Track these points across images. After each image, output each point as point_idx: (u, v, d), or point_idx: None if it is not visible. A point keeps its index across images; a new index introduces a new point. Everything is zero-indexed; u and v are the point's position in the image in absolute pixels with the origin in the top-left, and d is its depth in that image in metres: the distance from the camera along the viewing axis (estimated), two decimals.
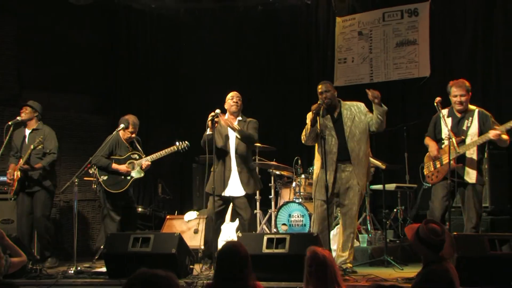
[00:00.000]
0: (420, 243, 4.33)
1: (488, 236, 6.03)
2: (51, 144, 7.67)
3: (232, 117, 7.12)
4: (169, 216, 8.74)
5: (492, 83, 8.92)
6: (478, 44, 9.10)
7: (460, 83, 6.57)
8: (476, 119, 6.49)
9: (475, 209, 6.43)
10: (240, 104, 7.11)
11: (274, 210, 8.67)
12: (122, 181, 7.68)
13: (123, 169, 7.66)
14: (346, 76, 10.12)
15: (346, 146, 6.57)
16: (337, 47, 10.24)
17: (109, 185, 7.66)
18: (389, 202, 8.63)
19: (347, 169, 6.59)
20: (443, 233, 4.35)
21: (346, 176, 6.60)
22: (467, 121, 6.51)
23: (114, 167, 7.62)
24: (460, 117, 6.54)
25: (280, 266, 5.79)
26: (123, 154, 7.74)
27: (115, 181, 7.67)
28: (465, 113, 6.54)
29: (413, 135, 8.27)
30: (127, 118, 7.76)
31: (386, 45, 9.86)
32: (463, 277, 5.35)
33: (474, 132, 6.45)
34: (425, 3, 9.47)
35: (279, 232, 7.93)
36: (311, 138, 6.68)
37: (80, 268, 6.85)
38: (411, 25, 9.65)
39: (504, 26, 8.88)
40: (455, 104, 6.53)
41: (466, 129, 6.47)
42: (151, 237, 6.33)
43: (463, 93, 6.50)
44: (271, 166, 8.68)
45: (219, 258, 4.41)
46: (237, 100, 7.10)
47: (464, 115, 6.54)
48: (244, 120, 7.15)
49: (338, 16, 10.24)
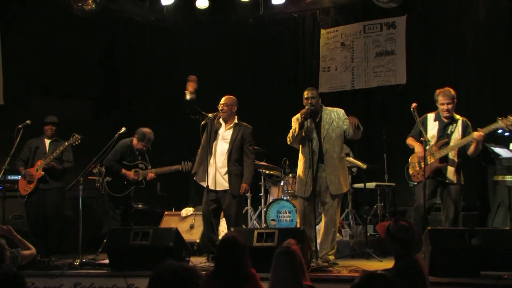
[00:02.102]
0: (391, 239, 4.36)
1: (459, 230, 6.10)
2: (69, 155, 7.99)
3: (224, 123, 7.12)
4: (167, 212, 8.75)
5: (462, 92, 8.98)
6: (450, 55, 9.19)
7: (447, 92, 6.60)
8: (460, 127, 6.56)
9: (454, 206, 6.49)
10: (227, 109, 7.05)
11: (264, 206, 8.72)
12: (124, 186, 7.72)
13: (131, 176, 7.69)
14: (330, 83, 10.15)
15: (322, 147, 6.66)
16: (321, 57, 10.28)
17: (112, 187, 7.70)
18: (369, 199, 8.70)
19: (325, 170, 6.68)
20: (411, 230, 4.39)
21: (324, 176, 6.68)
22: (451, 127, 6.57)
23: (124, 172, 7.67)
24: (446, 123, 6.59)
25: (270, 258, 5.82)
26: (132, 161, 7.77)
27: (118, 185, 7.70)
28: (451, 119, 6.59)
29: (391, 137, 8.32)
30: (144, 132, 7.79)
31: (366, 55, 9.90)
32: (438, 267, 5.44)
33: (457, 137, 6.52)
34: (402, 17, 9.51)
35: (268, 227, 7.97)
36: (297, 140, 6.73)
37: (85, 260, 6.83)
38: (389, 37, 9.70)
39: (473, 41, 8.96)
40: (442, 111, 6.57)
41: (450, 133, 6.54)
42: (150, 232, 6.35)
43: (449, 101, 6.55)
44: (261, 166, 8.72)
45: (220, 247, 4.49)
46: (222, 107, 7.08)
47: (450, 121, 6.59)
48: (239, 124, 7.14)
49: (322, 28, 10.28)
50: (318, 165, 6.63)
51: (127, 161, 7.75)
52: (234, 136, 7.00)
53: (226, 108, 7.01)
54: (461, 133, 6.52)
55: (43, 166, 7.76)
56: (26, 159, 7.93)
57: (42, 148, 8.00)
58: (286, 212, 8.28)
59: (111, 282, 6.13)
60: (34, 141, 8.02)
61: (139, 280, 6.02)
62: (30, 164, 7.91)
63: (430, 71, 9.29)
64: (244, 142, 7.01)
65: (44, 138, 8.09)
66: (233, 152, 6.97)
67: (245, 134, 7.02)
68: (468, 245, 5.49)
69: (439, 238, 5.59)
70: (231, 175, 6.93)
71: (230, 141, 6.99)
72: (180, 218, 8.45)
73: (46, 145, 8.03)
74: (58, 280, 6.23)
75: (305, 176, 6.67)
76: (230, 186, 6.90)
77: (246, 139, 7.02)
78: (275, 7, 10.08)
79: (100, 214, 8.89)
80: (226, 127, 7.07)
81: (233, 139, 6.99)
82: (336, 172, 6.66)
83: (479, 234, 5.57)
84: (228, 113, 7.02)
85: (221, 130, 7.06)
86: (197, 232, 8.12)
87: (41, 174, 7.78)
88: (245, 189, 6.94)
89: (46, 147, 8.01)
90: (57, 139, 8.08)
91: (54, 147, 7.96)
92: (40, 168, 7.77)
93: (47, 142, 8.06)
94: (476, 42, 8.94)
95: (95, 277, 6.26)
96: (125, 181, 7.70)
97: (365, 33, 9.94)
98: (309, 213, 6.61)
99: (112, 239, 6.61)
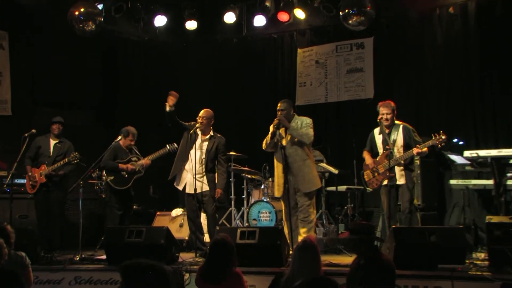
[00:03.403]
0: (354, 239, 4.37)
1: (419, 228, 6.16)
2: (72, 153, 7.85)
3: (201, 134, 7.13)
4: (158, 212, 8.74)
5: (423, 104, 9.10)
6: (411, 72, 9.27)
7: (386, 104, 6.75)
8: (401, 133, 6.68)
9: (408, 202, 6.60)
10: (205, 122, 7.06)
11: (246, 207, 8.73)
12: (126, 179, 7.70)
13: (129, 167, 7.69)
14: (306, 97, 10.18)
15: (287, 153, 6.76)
16: (298, 73, 10.29)
17: (116, 183, 7.66)
18: (340, 200, 8.73)
19: (292, 172, 6.75)
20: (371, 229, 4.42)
21: (292, 179, 6.75)
22: (393, 135, 6.68)
23: (121, 166, 7.66)
24: (388, 132, 6.69)
25: (251, 254, 5.84)
26: (124, 158, 7.76)
27: (121, 179, 7.68)
28: (391, 128, 6.71)
29: (360, 146, 8.36)
30: (127, 128, 7.84)
31: (338, 72, 9.92)
32: (401, 261, 5.47)
33: (400, 143, 6.66)
34: (370, 39, 9.56)
35: (250, 226, 7.96)
36: (271, 146, 6.90)
37: (84, 256, 6.84)
38: (359, 56, 9.75)
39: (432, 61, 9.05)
40: (383, 121, 6.67)
41: (393, 141, 6.63)
42: (144, 230, 6.35)
43: (388, 111, 6.68)
44: (243, 171, 8.74)
45: (212, 247, 4.50)
46: (202, 120, 7.09)
47: (391, 129, 6.71)
48: (215, 136, 7.15)
49: (299, 47, 10.30)
50: (289, 168, 6.75)
51: (120, 158, 7.74)
52: (209, 147, 7.07)
53: (205, 120, 7.07)
54: (403, 138, 6.65)
55: (45, 173, 7.73)
56: (33, 156, 7.89)
57: (46, 148, 7.93)
58: (266, 213, 8.29)
59: (108, 276, 6.14)
60: (40, 140, 7.95)
61: None
62: (35, 163, 7.88)
63: (395, 87, 9.34)
64: (218, 152, 7.08)
65: (50, 138, 8.02)
66: (208, 161, 7.03)
67: (219, 145, 7.10)
68: (428, 242, 5.54)
69: (402, 236, 5.64)
70: (208, 180, 7.00)
71: (206, 151, 7.05)
72: (170, 218, 8.44)
73: (51, 146, 7.95)
74: (60, 273, 6.23)
75: (278, 178, 6.86)
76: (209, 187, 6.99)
77: (220, 149, 7.11)
78: (256, 29, 10.08)
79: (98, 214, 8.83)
80: (203, 138, 7.12)
81: (208, 149, 7.06)
82: (301, 174, 6.76)
83: (437, 232, 5.63)
84: (206, 125, 7.09)
85: (198, 140, 7.09)
86: (186, 231, 8.09)
87: (44, 180, 7.76)
88: (220, 194, 7.02)
89: (51, 148, 7.94)
90: (61, 140, 8.03)
91: (57, 149, 7.93)
92: (43, 174, 7.75)
93: (52, 143, 7.99)
94: (434, 61, 9.04)
95: (94, 271, 6.26)
96: (125, 174, 7.70)
97: (337, 52, 9.98)
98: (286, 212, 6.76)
99: (109, 236, 6.62)
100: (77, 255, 6.75)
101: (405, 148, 6.62)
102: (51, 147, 7.97)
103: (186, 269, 5.98)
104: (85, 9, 8.58)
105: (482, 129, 8.44)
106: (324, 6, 9.16)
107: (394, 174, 6.56)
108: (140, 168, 7.75)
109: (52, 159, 7.86)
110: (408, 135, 6.65)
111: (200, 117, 7.07)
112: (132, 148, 7.91)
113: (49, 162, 7.81)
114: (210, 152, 7.04)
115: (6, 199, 7.51)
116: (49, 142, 8.01)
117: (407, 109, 8.54)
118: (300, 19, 9.68)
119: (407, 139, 6.63)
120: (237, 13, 9.77)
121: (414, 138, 6.62)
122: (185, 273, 5.95)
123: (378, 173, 6.72)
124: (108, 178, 7.69)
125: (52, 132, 8.02)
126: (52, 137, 8.03)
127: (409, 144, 6.60)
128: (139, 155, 7.88)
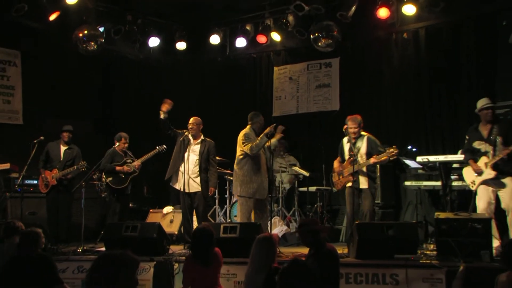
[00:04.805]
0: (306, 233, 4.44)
1: (379, 223, 6.26)
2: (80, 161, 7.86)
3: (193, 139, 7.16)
4: (151, 210, 8.69)
5: (382, 117, 9.20)
6: (372, 88, 9.37)
7: (354, 118, 6.80)
8: (365, 143, 6.73)
9: (368, 207, 6.64)
10: (195, 128, 7.12)
11: (228, 205, 8.75)
12: (123, 179, 7.74)
13: (125, 169, 7.72)
14: (281, 109, 10.23)
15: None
16: (274, 88, 10.33)
17: (114, 183, 7.72)
18: (311, 199, 8.76)
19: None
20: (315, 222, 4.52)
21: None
22: (358, 144, 6.75)
23: (118, 168, 7.68)
24: (354, 142, 6.75)
25: (233, 246, 5.87)
26: (120, 161, 7.78)
27: (119, 180, 7.73)
28: (357, 138, 6.77)
29: (327, 152, 8.43)
30: (119, 134, 7.92)
31: (308, 87, 9.98)
32: (363, 252, 5.57)
33: (363, 152, 6.72)
34: (336, 59, 9.64)
35: (232, 222, 7.99)
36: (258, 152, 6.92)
37: (86, 248, 6.83)
38: (326, 73, 9.81)
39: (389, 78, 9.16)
40: (350, 133, 6.73)
41: (357, 150, 6.71)
42: (138, 226, 6.37)
43: (355, 125, 6.73)
44: (226, 174, 8.76)
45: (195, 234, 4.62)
46: (192, 126, 7.13)
47: (357, 140, 6.77)
48: (205, 140, 7.21)
49: (275, 66, 10.35)
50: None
51: (117, 161, 7.77)
52: (202, 150, 7.10)
53: (195, 126, 7.13)
54: (366, 147, 6.71)
55: (57, 177, 7.74)
56: (46, 159, 7.88)
57: (57, 153, 7.93)
58: None
59: None
60: (52, 145, 7.96)
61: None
62: (48, 166, 7.87)
63: (357, 100, 9.40)
64: (209, 154, 7.12)
65: (60, 144, 7.99)
66: (202, 162, 7.06)
67: (210, 148, 7.16)
68: (386, 235, 5.61)
69: (364, 230, 5.71)
70: (201, 180, 7.02)
71: (199, 154, 7.08)
72: (162, 215, 8.41)
73: (61, 152, 7.95)
74: (65, 263, 6.22)
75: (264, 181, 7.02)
76: (202, 189, 6.99)
77: (211, 152, 7.16)
78: (238, 49, 10.13)
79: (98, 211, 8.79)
80: (195, 142, 7.15)
81: (201, 152, 7.10)
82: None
83: (393, 227, 5.71)
84: (196, 131, 7.15)
85: (190, 144, 7.11)
86: (176, 226, 8.10)
87: (55, 183, 7.77)
88: (213, 192, 7.07)
89: (61, 154, 7.93)
90: (71, 146, 8.00)
91: (67, 155, 7.93)
92: (55, 177, 7.75)
93: (63, 149, 7.98)
94: (391, 79, 9.14)
95: None
96: (122, 174, 7.72)
97: (308, 70, 10.03)
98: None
99: (108, 231, 6.64)
100: (80, 247, 6.74)
101: (367, 156, 6.68)
102: (61, 152, 7.96)
103: (175, 260, 6.00)
104: (88, 31, 8.61)
105: (432, 138, 8.56)
106: (297, 30, 9.25)
107: (357, 178, 6.62)
108: (134, 168, 7.77)
109: (62, 163, 7.86)
110: (371, 145, 6.71)
111: (190, 123, 7.14)
112: (126, 152, 7.94)
113: (60, 167, 7.82)
114: (203, 154, 7.08)
115: (18, 198, 7.54)
116: (59, 148, 7.99)
117: (369, 120, 8.60)
118: (276, 41, 9.74)
119: (370, 148, 6.69)
120: (221, 35, 9.83)
121: (376, 148, 6.69)
122: (175, 263, 5.97)
123: (343, 176, 6.80)
124: (107, 179, 7.72)
125: (63, 139, 8.00)
126: (63, 144, 8.00)
127: (371, 153, 6.66)
128: (133, 158, 7.92)
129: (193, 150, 7.11)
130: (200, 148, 7.12)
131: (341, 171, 6.83)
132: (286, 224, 8.00)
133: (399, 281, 5.28)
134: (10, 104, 8.86)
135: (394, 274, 5.32)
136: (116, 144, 7.84)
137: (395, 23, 8.71)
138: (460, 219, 5.59)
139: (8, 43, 8.79)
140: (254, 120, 7.13)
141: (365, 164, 6.60)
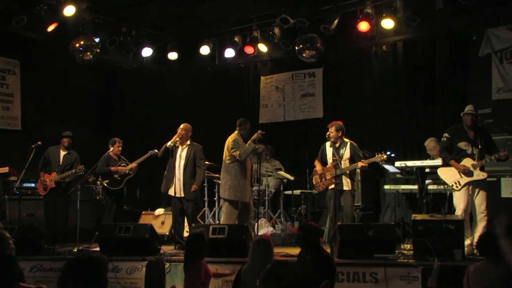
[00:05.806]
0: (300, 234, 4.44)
1: (359, 225, 6.27)
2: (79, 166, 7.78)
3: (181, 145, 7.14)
4: (144, 212, 8.67)
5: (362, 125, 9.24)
6: (353, 97, 9.44)
7: (333, 124, 6.85)
8: (348, 149, 6.75)
9: (350, 207, 6.67)
10: (184, 133, 7.08)
11: (217, 208, 8.71)
12: (119, 180, 7.71)
13: (120, 169, 7.69)
14: (268, 116, 10.26)
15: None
16: (261, 97, 10.37)
17: (111, 185, 7.68)
18: (296, 202, 8.74)
19: None
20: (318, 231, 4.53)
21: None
22: (342, 150, 6.77)
23: (113, 169, 7.66)
24: (337, 147, 6.78)
25: (221, 246, 5.88)
26: (115, 165, 7.75)
27: (115, 182, 7.69)
28: (341, 144, 6.80)
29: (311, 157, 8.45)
30: (114, 138, 7.93)
31: (294, 96, 10.02)
32: (344, 252, 5.58)
33: (346, 157, 6.73)
34: (320, 69, 9.69)
35: (220, 224, 7.98)
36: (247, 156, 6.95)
37: (81, 247, 6.79)
38: (311, 83, 9.86)
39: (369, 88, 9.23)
40: (332, 138, 6.78)
41: (341, 155, 6.74)
42: (131, 227, 6.34)
43: (336, 131, 6.78)
44: (215, 178, 8.74)
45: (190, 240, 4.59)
46: (181, 131, 7.10)
47: (340, 145, 6.79)
48: (192, 145, 7.19)
49: (262, 75, 10.39)
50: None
51: (112, 165, 7.74)
52: (188, 154, 7.06)
53: (184, 132, 7.09)
54: (349, 153, 6.73)
55: (55, 180, 7.67)
56: (45, 163, 7.81)
57: (57, 158, 7.86)
58: None
59: None
60: (52, 150, 7.90)
61: (122, 263, 6.03)
62: (47, 170, 7.79)
63: (340, 109, 9.46)
64: (195, 157, 7.09)
65: (60, 149, 7.92)
66: (188, 166, 7.02)
67: (197, 151, 7.11)
68: (366, 236, 5.63)
69: (346, 231, 5.73)
70: (186, 184, 6.96)
71: (186, 157, 7.04)
72: (154, 216, 8.38)
73: (60, 156, 7.88)
74: (61, 263, 6.07)
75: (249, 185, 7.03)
76: (185, 193, 6.94)
77: (197, 155, 7.10)
78: (227, 59, 10.17)
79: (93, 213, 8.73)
80: (182, 147, 7.12)
81: (188, 155, 7.06)
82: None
83: (373, 228, 5.73)
84: (185, 136, 7.10)
85: (179, 150, 7.10)
86: (167, 227, 8.07)
87: (53, 185, 7.70)
88: (195, 189, 6.94)
89: (60, 158, 7.87)
90: (70, 152, 7.94)
91: (66, 160, 7.86)
92: (53, 180, 7.69)
93: (62, 154, 7.91)
94: (371, 88, 9.22)
95: None
96: (118, 176, 7.69)
97: (293, 80, 10.07)
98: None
99: (102, 232, 6.59)
100: (75, 247, 6.71)
101: (350, 161, 6.70)
102: (61, 157, 7.89)
103: (166, 259, 5.99)
104: (84, 41, 8.59)
105: (409, 144, 8.64)
106: (283, 42, 9.31)
107: (339, 181, 6.66)
108: (129, 170, 7.75)
109: (61, 168, 7.79)
110: (354, 151, 6.74)
111: (180, 128, 7.10)
112: (120, 156, 7.92)
113: (59, 170, 7.76)
114: (189, 158, 7.06)
115: (16, 200, 7.49)
116: (59, 152, 7.92)
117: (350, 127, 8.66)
118: (263, 52, 9.79)
119: (352, 154, 6.72)
120: (211, 46, 9.86)
121: (358, 154, 6.74)
122: (166, 263, 5.95)
123: (325, 178, 6.80)
124: (104, 182, 7.70)
125: (62, 144, 7.93)
126: (62, 148, 7.93)
127: (353, 158, 6.69)
128: (126, 161, 7.89)
129: (180, 155, 7.08)
130: (187, 152, 7.10)
131: (323, 174, 6.84)
132: (272, 226, 8.01)
133: (378, 279, 5.31)
134: (9, 110, 8.78)
135: (374, 273, 5.35)
136: (110, 148, 7.83)
137: (375, 36, 8.81)
138: (435, 220, 5.63)
139: (8, 52, 8.72)
140: (242, 127, 7.15)
141: (353, 167, 6.64)
